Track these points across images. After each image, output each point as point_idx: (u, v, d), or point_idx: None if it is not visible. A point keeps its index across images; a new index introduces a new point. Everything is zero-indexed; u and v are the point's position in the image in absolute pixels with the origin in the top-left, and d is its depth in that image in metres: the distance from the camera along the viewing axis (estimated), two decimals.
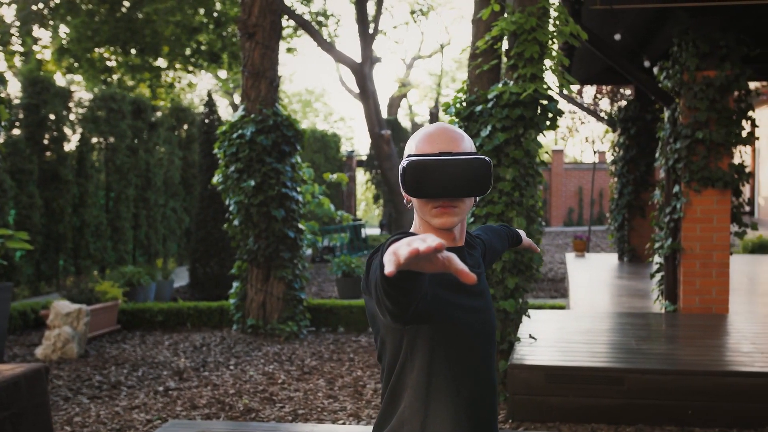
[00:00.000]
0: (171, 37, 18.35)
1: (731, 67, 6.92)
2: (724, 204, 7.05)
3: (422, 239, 1.37)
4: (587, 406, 5.07)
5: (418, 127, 29.78)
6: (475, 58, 6.13)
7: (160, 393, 6.35)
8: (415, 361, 1.89)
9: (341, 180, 13.57)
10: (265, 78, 8.73)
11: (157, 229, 14.59)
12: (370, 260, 1.88)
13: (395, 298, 1.57)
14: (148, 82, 19.87)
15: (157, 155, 14.74)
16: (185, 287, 12.60)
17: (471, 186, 1.84)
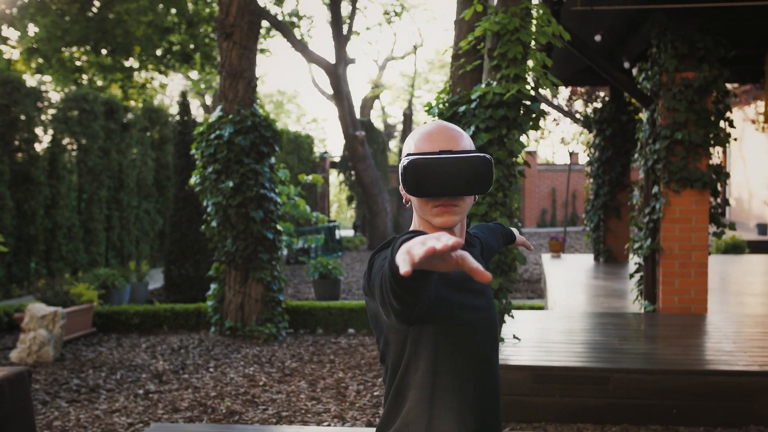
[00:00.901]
0: (143, 37, 18.17)
1: (709, 68, 6.98)
2: (702, 204, 7.11)
3: (436, 238, 1.35)
4: (573, 406, 5.08)
5: (391, 129, 29.80)
6: (458, 59, 6.13)
7: (140, 396, 6.27)
8: (419, 361, 1.88)
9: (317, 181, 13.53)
10: (242, 78, 8.67)
11: (130, 231, 14.44)
12: (372, 261, 1.86)
13: (403, 298, 1.54)
14: (119, 82, 19.67)
15: (130, 156, 14.59)
16: (160, 289, 12.48)
17: (472, 184, 1.82)
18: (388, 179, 23.36)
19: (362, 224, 22.50)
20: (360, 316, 8.90)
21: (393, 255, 1.49)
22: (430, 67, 32.08)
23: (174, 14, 18.58)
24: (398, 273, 1.45)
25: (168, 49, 19.26)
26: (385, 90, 30.49)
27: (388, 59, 29.71)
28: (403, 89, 32.17)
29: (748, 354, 5.44)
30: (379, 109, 31.97)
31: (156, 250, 15.63)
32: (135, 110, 15.77)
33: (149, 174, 15.19)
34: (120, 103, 14.48)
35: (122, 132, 14.31)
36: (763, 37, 8.45)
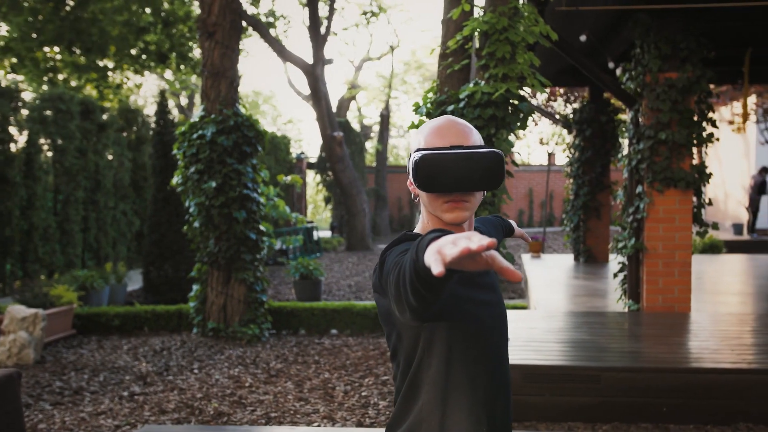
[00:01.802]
0: (118, 36, 18.01)
1: (692, 68, 7.04)
2: (685, 204, 7.17)
3: (467, 237, 1.34)
4: (564, 404, 5.09)
5: (368, 130, 29.77)
6: (446, 58, 6.13)
7: (125, 398, 6.20)
8: (432, 358, 1.87)
9: (295, 182, 13.48)
10: (225, 78, 8.61)
11: (107, 232, 14.29)
12: (384, 258, 1.85)
13: (424, 297, 1.53)
14: (94, 82, 19.48)
15: (107, 157, 14.44)
16: (138, 291, 12.37)
17: (484, 180, 1.82)
18: (366, 180, 23.35)
19: (340, 225, 22.46)
20: (343, 317, 8.88)
21: (418, 254, 1.47)
22: (406, 68, 32.11)
23: (149, 14, 18.43)
24: (425, 272, 1.43)
25: (143, 49, 19.11)
26: (362, 91, 30.47)
27: (364, 60, 29.70)
28: (380, 90, 32.17)
29: (736, 352, 5.49)
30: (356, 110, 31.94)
31: (133, 251, 15.49)
32: (111, 110, 15.61)
33: (126, 175, 15.04)
34: (96, 103, 14.33)
35: (99, 132, 14.16)
36: (741, 38, 8.54)
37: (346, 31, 22.90)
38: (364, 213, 18.90)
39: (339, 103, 27.35)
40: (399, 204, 26.70)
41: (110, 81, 20.15)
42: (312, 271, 11.13)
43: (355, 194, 18.67)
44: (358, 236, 18.90)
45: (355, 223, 18.88)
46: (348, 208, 18.86)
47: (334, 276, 14.05)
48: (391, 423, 1.99)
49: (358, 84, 29.37)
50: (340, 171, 18.42)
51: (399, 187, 26.66)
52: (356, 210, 18.74)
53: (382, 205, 23.98)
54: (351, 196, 18.65)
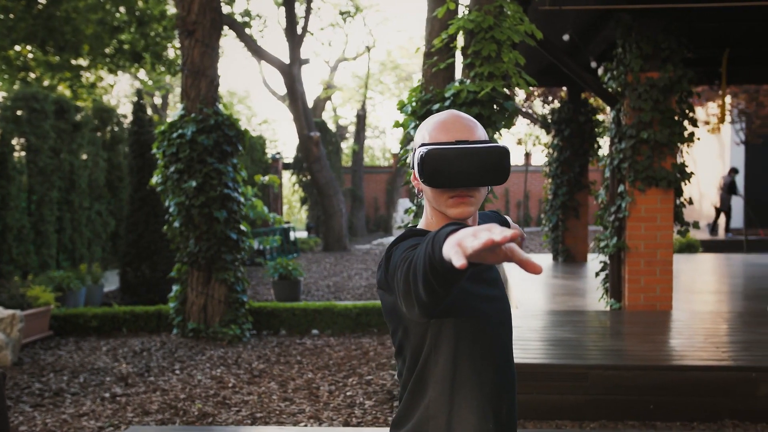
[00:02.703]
0: (92, 35, 17.82)
1: (673, 68, 7.09)
2: (667, 203, 7.22)
3: (488, 229, 1.33)
4: (551, 402, 5.10)
5: (343, 130, 29.72)
6: (431, 57, 6.12)
7: (107, 399, 6.13)
8: (439, 355, 1.86)
9: (273, 182, 13.43)
10: (205, 77, 8.55)
11: (82, 233, 14.13)
12: (390, 254, 1.84)
13: (436, 291, 1.51)
14: (68, 81, 19.27)
15: (81, 157, 14.28)
16: (115, 292, 12.24)
17: (490, 175, 1.80)
18: (343, 180, 23.30)
19: (316, 226, 22.39)
20: (324, 317, 8.84)
21: (435, 247, 1.45)
22: (381, 69, 32.11)
23: (124, 13, 18.26)
24: (442, 265, 1.42)
25: (118, 48, 18.93)
26: (337, 91, 30.42)
27: (339, 60, 29.64)
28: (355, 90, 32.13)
29: (721, 350, 5.53)
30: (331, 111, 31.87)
31: (108, 252, 15.33)
32: (86, 110, 15.45)
33: (101, 175, 14.89)
34: (71, 103, 14.17)
35: (73, 132, 14.00)
36: (718, 39, 8.62)
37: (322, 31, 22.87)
38: (341, 213, 18.86)
39: (314, 104, 27.30)
40: (375, 204, 26.68)
41: (84, 80, 19.94)
42: (291, 272, 11.08)
43: (332, 194, 18.62)
44: (335, 237, 18.86)
45: (332, 224, 18.84)
46: (325, 208, 18.81)
47: (313, 276, 14.00)
48: (397, 420, 1.98)
49: (333, 84, 29.31)
50: (317, 171, 18.37)
51: (375, 188, 26.65)
52: (333, 210, 18.69)
53: (358, 206, 23.95)
54: (328, 197, 18.61)
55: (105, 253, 15.24)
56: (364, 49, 27.11)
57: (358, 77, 32.37)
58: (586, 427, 4.99)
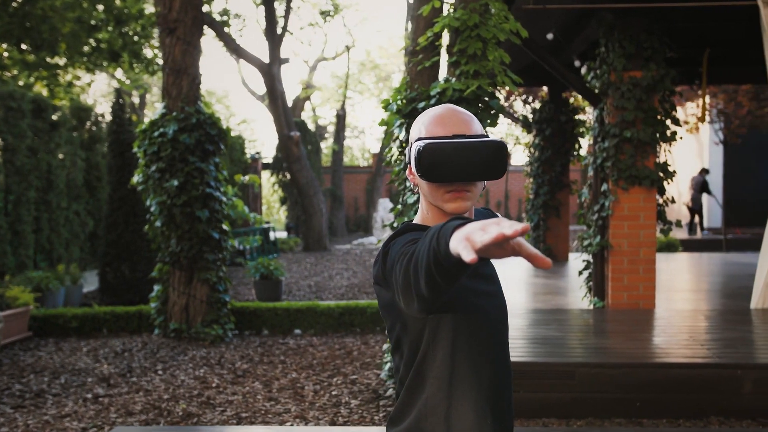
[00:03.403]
0: (69, 34, 17.66)
1: (656, 67, 7.12)
2: (650, 202, 7.25)
3: (496, 223, 1.31)
4: (538, 401, 5.10)
5: (323, 130, 29.67)
6: (416, 55, 6.10)
7: (89, 400, 6.06)
8: (437, 351, 1.85)
9: (253, 181, 13.37)
10: (186, 75, 8.49)
11: (59, 233, 13.99)
12: (387, 250, 1.83)
13: (438, 286, 1.50)
14: (45, 80, 19.08)
15: (59, 156, 14.14)
16: (94, 292, 12.12)
17: (488, 169, 1.80)
18: (322, 180, 23.25)
19: (296, 226, 22.32)
20: (306, 316, 8.81)
21: (440, 241, 1.44)
22: (361, 69, 32.08)
23: (101, 11, 18.11)
24: (447, 259, 1.41)
25: (95, 47, 18.77)
26: (316, 91, 30.36)
27: (318, 60, 29.58)
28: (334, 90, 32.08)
29: (706, 347, 5.56)
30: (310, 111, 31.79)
31: (87, 252, 15.19)
32: (64, 109, 15.30)
33: (79, 174, 14.75)
34: (48, 102, 14.03)
35: (51, 131, 13.86)
36: (698, 40, 8.66)
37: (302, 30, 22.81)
38: (322, 213, 18.81)
39: (294, 103, 27.21)
40: (355, 204, 26.65)
41: (61, 79, 19.76)
42: (272, 271, 11.03)
43: (313, 194, 18.57)
44: (316, 237, 18.81)
45: (312, 224, 18.78)
46: (305, 208, 18.75)
47: (294, 276, 13.96)
48: (395, 416, 1.97)
49: (312, 84, 29.24)
50: (297, 171, 18.31)
51: (355, 188, 26.61)
52: (313, 210, 18.64)
53: (338, 206, 23.91)
54: (308, 197, 18.55)
55: (83, 253, 15.10)
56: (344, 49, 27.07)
57: (338, 77, 32.34)
58: (573, 424, 5.00)
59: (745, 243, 15.43)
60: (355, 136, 38.15)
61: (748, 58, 9.68)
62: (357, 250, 19.31)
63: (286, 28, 18.97)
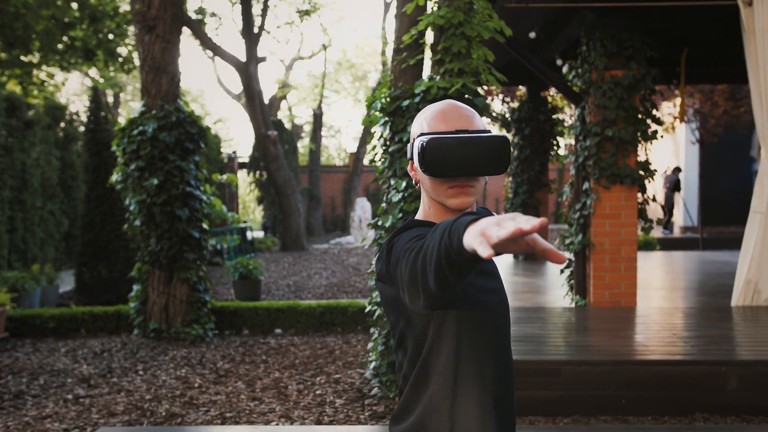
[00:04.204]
0: (43, 32, 17.46)
1: (637, 67, 7.16)
2: (631, 200, 7.29)
3: (512, 218, 1.31)
4: (524, 399, 5.10)
5: (299, 129, 29.58)
6: (400, 53, 6.09)
7: (70, 401, 5.99)
8: (441, 347, 1.84)
9: (231, 180, 13.30)
10: (166, 73, 8.41)
11: (34, 233, 13.83)
12: (391, 246, 1.82)
13: (447, 281, 1.49)
14: (18, 78, 18.86)
15: (34, 155, 13.97)
16: (71, 292, 11.98)
17: (491, 164, 1.80)
18: (299, 180, 23.17)
19: (273, 225, 22.23)
20: (287, 316, 8.77)
21: (452, 236, 1.43)
22: (337, 68, 32.02)
23: (75, 9, 17.93)
24: (459, 255, 1.40)
25: (69, 45, 18.58)
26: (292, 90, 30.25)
27: (295, 59, 29.48)
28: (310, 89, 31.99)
29: (690, 344, 5.60)
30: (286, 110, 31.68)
31: (62, 252, 15.03)
32: (38, 107, 15.13)
33: (54, 174, 14.59)
34: (22, 100, 13.86)
35: (25, 130, 13.69)
36: (676, 40, 8.71)
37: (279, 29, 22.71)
38: (299, 213, 18.74)
39: (270, 102, 27.10)
40: (332, 204, 26.60)
41: (35, 77, 19.54)
42: (252, 271, 10.98)
43: (290, 194, 18.50)
44: (293, 236, 18.74)
45: (290, 223, 18.71)
46: (283, 207, 18.67)
47: (272, 276, 13.89)
48: (399, 413, 1.96)
49: (288, 83, 29.14)
50: (274, 170, 18.23)
51: (332, 187, 26.55)
52: (291, 210, 18.57)
53: (315, 205, 23.85)
54: (286, 196, 18.48)
55: (58, 253, 14.93)
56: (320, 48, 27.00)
57: (314, 76, 32.26)
58: (559, 422, 5.01)
59: (722, 241, 15.58)
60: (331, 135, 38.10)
61: (725, 58, 9.78)
62: (335, 249, 19.27)
63: (263, 27, 18.87)
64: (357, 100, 34.03)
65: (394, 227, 5.76)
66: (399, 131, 5.85)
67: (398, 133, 5.86)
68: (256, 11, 19.40)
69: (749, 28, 6.65)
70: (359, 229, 20.82)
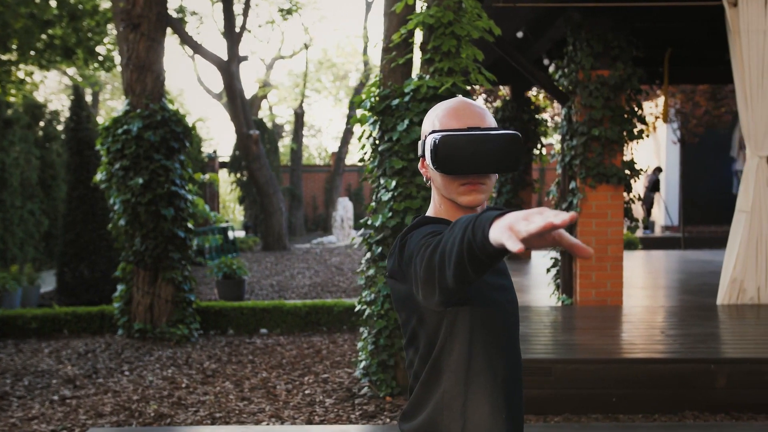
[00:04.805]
0: (21, 29, 17.29)
1: (623, 66, 7.19)
2: (617, 199, 7.32)
3: (539, 212, 1.31)
4: None
5: (280, 129, 29.51)
6: (389, 52, 6.08)
7: (56, 402, 5.93)
8: (454, 344, 1.84)
9: (213, 180, 13.23)
10: (151, 72, 8.35)
11: (14, 233, 13.69)
12: (404, 243, 1.82)
13: (466, 277, 1.50)
14: None
15: (13, 155, 13.83)
16: (52, 293, 11.87)
17: (503, 161, 1.81)
18: (281, 179, 23.10)
19: (254, 225, 22.14)
20: (273, 315, 8.73)
21: (476, 231, 1.42)
22: (318, 67, 31.92)
23: (55, 7, 17.78)
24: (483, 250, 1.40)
25: (49, 43, 18.42)
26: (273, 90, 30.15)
27: (275, 59, 29.40)
28: (290, 89, 31.89)
29: (678, 342, 5.63)
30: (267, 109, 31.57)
31: (42, 252, 14.89)
32: (17, 106, 14.98)
33: (33, 173, 14.45)
34: (1, 99, 13.72)
35: (4, 128, 13.57)
36: (659, 40, 8.76)
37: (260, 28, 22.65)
38: (281, 212, 18.68)
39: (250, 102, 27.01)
40: (314, 203, 26.53)
41: (13, 75, 19.34)
42: (235, 271, 10.93)
43: (272, 193, 18.44)
44: (275, 236, 18.67)
45: (271, 223, 18.65)
46: (264, 207, 18.60)
47: (255, 276, 13.84)
48: (409, 411, 1.96)
49: (269, 83, 29.05)
50: (256, 170, 18.16)
51: (314, 187, 26.50)
52: (273, 209, 18.51)
53: (297, 205, 23.78)
54: (268, 196, 18.42)
55: (38, 253, 14.79)
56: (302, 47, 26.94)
57: (294, 75, 32.16)
58: (551, 420, 5.02)
59: (702, 241, 15.70)
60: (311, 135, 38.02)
61: (707, 59, 9.85)
62: (317, 249, 19.23)
63: (245, 26, 18.80)
64: (338, 100, 33.97)
65: (384, 226, 5.76)
66: (388, 130, 5.85)
67: (388, 132, 5.85)
68: (237, 10, 19.33)
69: (734, 28, 6.71)
70: (341, 228, 20.78)
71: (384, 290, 5.74)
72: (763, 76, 6.69)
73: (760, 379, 5.06)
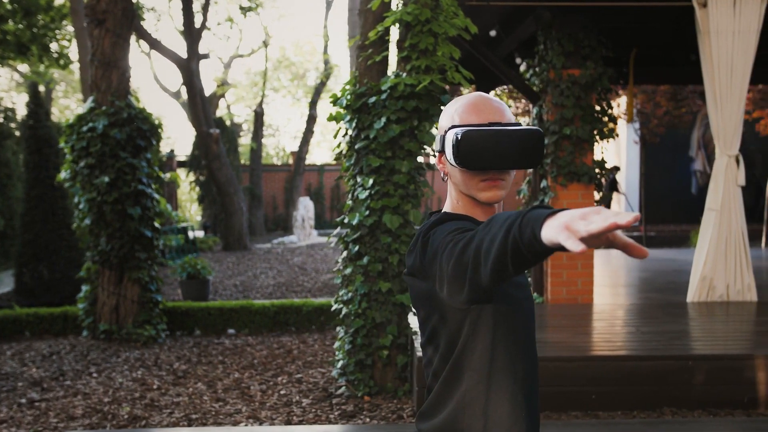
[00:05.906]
0: None
1: (594, 66, 7.24)
2: (588, 198, 7.37)
3: (596, 212, 1.28)
4: None
5: (238, 128, 29.25)
6: (365, 49, 6.03)
7: (24, 405, 5.79)
8: (477, 342, 1.82)
9: (175, 179, 13.07)
10: (116, 68, 8.20)
11: None
12: (426, 240, 1.79)
13: (506, 275, 1.48)
14: None
15: None
16: (9, 293, 11.60)
17: (525, 158, 1.80)
18: (241, 178, 22.90)
19: (213, 225, 21.92)
20: (241, 316, 8.63)
21: (521, 230, 1.39)
22: (276, 66, 31.72)
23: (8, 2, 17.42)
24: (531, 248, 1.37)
25: (2, 39, 18.04)
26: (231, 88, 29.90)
27: (233, 57, 29.16)
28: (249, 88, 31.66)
29: (654, 340, 5.68)
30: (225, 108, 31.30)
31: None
32: None
33: None
34: None
35: None
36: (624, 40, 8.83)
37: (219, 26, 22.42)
38: (242, 212, 18.51)
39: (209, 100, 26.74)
40: (274, 203, 26.34)
41: None
42: (200, 271, 10.80)
43: (233, 193, 18.26)
44: (236, 236, 18.50)
45: (232, 223, 18.46)
46: (225, 207, 18.41)
47: (218, 276, 13.69)
48: (428, 409, 1.93)
49: (227, 81, 28.79)
50: (216, 169, 17.96)
51: (273, 186, 26.30)
52: (233, 209, 18.32)
53: (257, 205, 23.59)
54: (228, 195, 18.23)
55: None
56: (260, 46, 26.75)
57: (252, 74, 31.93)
58: None
59: (663, 239, 15.92)
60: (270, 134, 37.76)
61: (671, 59, 9.97)
62: (278, 249, 19.09)
63: (205, 24, 18.60)
64: (296, 99, 33.80)
65: (361, 225, 5.72)
66: (365, 128, 5.81)
67: (364, 130, 5.81)
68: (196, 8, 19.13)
69: (704, 29, 6.79)
70: (302, 228, 20.65)
71: (361, 289, 5.70)
72: (732, 76, 6.78)
73: (737, 376, 5.12)
